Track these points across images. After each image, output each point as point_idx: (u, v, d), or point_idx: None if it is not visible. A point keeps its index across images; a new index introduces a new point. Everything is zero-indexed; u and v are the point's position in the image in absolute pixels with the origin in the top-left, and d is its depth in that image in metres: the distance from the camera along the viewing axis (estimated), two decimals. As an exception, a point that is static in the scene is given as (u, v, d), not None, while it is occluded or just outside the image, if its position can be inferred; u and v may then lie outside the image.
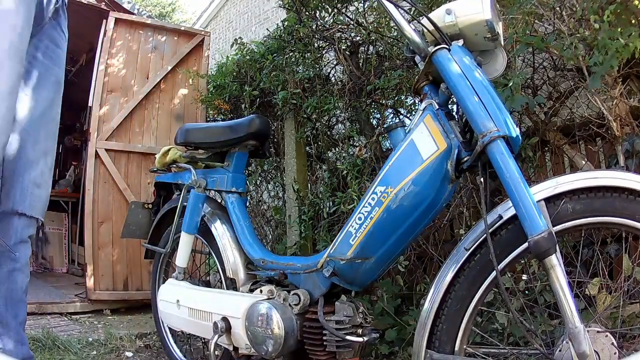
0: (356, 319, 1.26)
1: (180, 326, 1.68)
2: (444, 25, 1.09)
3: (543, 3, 1.70)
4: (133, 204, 2.06)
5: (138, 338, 2.38)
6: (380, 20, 2.38)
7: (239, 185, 1.69)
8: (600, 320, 1.27)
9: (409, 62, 2.07)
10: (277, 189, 3.13)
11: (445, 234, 2.16)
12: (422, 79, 1.16)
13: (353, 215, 1.19)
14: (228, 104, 3.15)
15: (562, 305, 0.88)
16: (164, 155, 1.85)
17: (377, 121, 2.55)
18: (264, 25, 6.26)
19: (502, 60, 1.15)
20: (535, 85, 2.03)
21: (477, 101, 0.99)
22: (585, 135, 1.85)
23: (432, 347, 1.03)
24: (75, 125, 5.79)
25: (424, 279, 2.01)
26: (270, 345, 1.29)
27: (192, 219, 1.67)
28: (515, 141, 1.01)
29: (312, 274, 1.34)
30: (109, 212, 3.12)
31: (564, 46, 1.60)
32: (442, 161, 1.08)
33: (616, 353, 0.86)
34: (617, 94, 1.64)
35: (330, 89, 2.52)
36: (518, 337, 1.57)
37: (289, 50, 2.76)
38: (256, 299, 1.37)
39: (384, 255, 1.20)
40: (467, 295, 1.02)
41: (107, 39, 3.23)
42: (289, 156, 2.68)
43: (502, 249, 0.99)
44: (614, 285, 1.51)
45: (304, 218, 2.49)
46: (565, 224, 0.95)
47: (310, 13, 2.54)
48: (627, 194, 0.90)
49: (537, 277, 1.62)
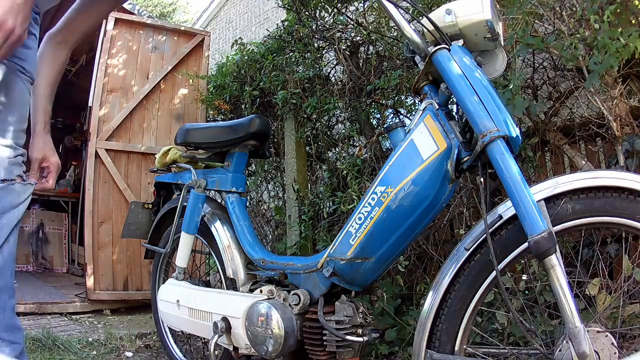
0: (356, 319, 1.26)
1: (180, 326, 1.68)
2: (444, 25, 1.09)
3: (543, 3, 1.70)
4: (133, 204, 2.06)
5: (138, 338, 2.38)
6: (380, 20, 2.38)
7: (239, 185, 1.69)
8: (600, 320, 1.27)
9: (409, 62, 2.07)
10: (277, 189, 3.14)
11: (445, 234, 2.16)
12: (422, 79, 1.16)
13: (353, 215, 1.19)
14: (228, 104, 3.15)
15: (562, 305, 0.88)
16: (164, 155, 1.85)
17: (377, 121, 2.56)
18: (264, 25, 6.26)
19: (502, 60, 1.15)
20: (535, 85, 2.03)
21: (477, 101, 0.99)
22: (585, 135, 1.85)
23: (432, 347, 1.03)
24: (75, 125, 5.80)
25: (424, 279, 2.01)
26: (270, 345, 1.29)
27: (192, 219, 1.67)
28: (515, 141, 1.01)
29: (312, 274, 1.34)
30: (109, 212, 3.12)
31: (564, 46, 1.60)
32: (442, 161, 1.08)
33: (616, 353, 0.86)
34: (617, 94, 1.64)
35: (330, 89, 2.52)
36: (518, 337, 1.57)
37: (289, 50, 2.77)
38: (256, 299, 1.37)
39: (384, 255, 1.20)
40: (467, 295, 1.02)
41: (107, 39, 3.23)
42: (289, 156, 2.68)
43: (502, 249, 0.99)
44: (614, 285, 1.51)
45: (304, 218, 2.49)
46: (565, 223, 0.95)
47: (310, 13, 2.54)
48: (627, 193, 0.90)
49: (537, 277, 1.62)
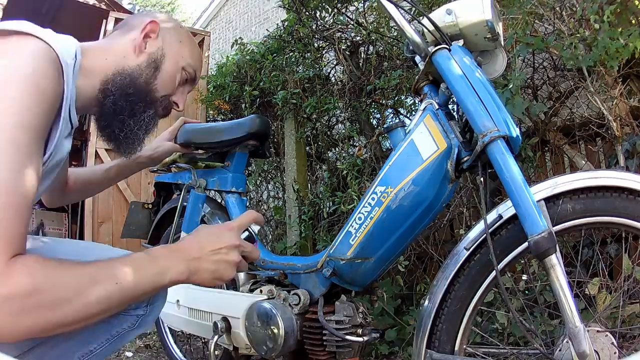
0: (356, 319, 1.26)
1: (180, 326, 1.68)
2: (444, 26, 1.09)
3: (543, 3, 1.70)
4: (133, 204, 2.06)
5: (138, 338, 2.38)
6: (380, 20, 2.38)
7: (239, 185, 1.69)
8: (600, 320, 1.27)
9: (409, 62, 2.07)
10: (277, 189, 3.13)
11: (445, 234, 2.16)
12: (422, 79, 1.16)
13: (353, 215, 1.19)
14: (228, 104, 3.15)
15: (562, 305, 0.88)
16: (164, 155, 1.85)
17: (377, 121, 2.56)
18: (264, 25, 6.26)
19: (502, 60, 1.15)
20: (535, 85, 2.03)
21: (477, 101, 0.99)
22: (585, 135, 1.85)
23: (432, 347, 1.03)
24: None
25: (424, 279, 2.01)
26: (270, 345, 1.29)
27: (192, 219, 1.67)
28: (515, 141, 1.01)
29: (312, 274, 1.34)
30: (109, 212, 3.13)
31: (564, 46, 1.60)
32: (442, 161, 1.08)
33: (616, 353, 0.86)
34: (617, 94, 1.65)
35: (330, 89, 2.52)
36: (518, 337, 1.57)
37: (289, 50, 2.77)
38: (256, 299, 1.37)
39: (384, 255, 1.20)
40: (467, 295, 1.02)
41: (107, 39, 3.23)
42: (289, 156, 2.68)
43: (502, 249, 0.99)
44: (614, 285, 1.51)
45: (304, 218, 2.49)
46: (565, 223, 0.95)
47: (310, 13, 2.54)
48: (627, 193, 0.90)
49: (537, 277, 1.62)
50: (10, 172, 0.64)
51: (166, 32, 1.00)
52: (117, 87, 0.91)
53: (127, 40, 0.96)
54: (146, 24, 0.96)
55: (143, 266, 0.74)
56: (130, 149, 0.98)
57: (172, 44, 1.00)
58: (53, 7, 3.85)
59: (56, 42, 0.76)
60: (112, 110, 0.92)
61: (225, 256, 0.82)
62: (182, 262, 0.78)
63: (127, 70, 0.93)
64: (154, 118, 0.99)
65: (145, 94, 0.95)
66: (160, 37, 0.98)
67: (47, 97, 0.72)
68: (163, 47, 0.98)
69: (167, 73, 0.99)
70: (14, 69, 0.69)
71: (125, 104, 0.92)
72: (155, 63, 0.96)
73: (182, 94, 1.05)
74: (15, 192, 0.64)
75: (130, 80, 0.93)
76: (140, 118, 0.96)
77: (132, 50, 0.95)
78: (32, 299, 0.61)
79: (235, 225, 0.87)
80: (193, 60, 1.04)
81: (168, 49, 0.99)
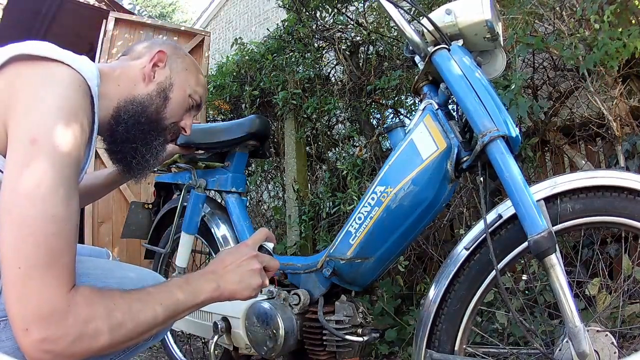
0: (356, 319, 1.26)
1: (180, 326, 1.68)
2: (443, 26, 1.09)
3: (543, 3, 1.71)
4: (133, 204, 2.05)
5: (138, 338, 2.37)
6: (380, 20, 2.38)
7: (239, 185, 1.69)
8: (600, 320, 1.28)
9: (409, 62, 2.07)
10: (277, 189, 3.14)
11: (445, 234, 2.16)
12: (422, 79, 1.16)
13: (353, 215, 1.19)
14: (228, 104, 3.15)
15: (562, 304, 0.88)
16: (164, 155, 1.85)
17: (377, 121, 2.56)
18: (264, 25, 6.26)
19: (501, 60, 1.15)
20: (535, 85, 2.03)
21: (476, 101, 0.99)
22: (585, 135, 1.85)
23: (432, 346, 1.03)
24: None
25: (424, 279, 2.01)
26: (270, 345, 1.29)
27: (192, 219, 1.67)
28: (515, 141, 1.01)
29: (312, 274, 1.34)
30: (109, 212, 3.12)
31: (564, 46, 1.60)
32: (441, 161, 1.08)
33: (616, 352, 0.86)
34: (617, 94, 1.65)
35: (330, 89, 2.52)
36: (518, 337, 1.57)
37: (289, 50, 2.77)
38: (256, 299, 1.37)
39: (384, 255, 1.20)
40: (467, 295, 1.02)
41: (107, 39, 3.23)
42: (289, 156, 2.68)
43: (502, 249, 0.99)
44: (614, 285, 1.51)
45: (304, 218, 2.49)
46: (565, 223, 0.95)
47: (310, 13, 2.55)
48: (627, 193, 0.90)
49: (537, 277, 1.62)
50: (63, 207, 0.69)
51: (173, 61, 1.04)
52: (129, 115, 0.95)
53: (137, 67, 0.99)
54: (155, 53, 1.00)
55: (180, 288, 0.82)
56: (140, 174, 1.03)
57: (179, 73, 1.04)
58: (53, 7, 3.84)
59: (85, 70, 0.79)
60: (124, 137, 0.95)
61: (246, 266, 0.90)
62: (211, 279, 0.87)
63: (138, 98, 0.96)
64: (164, 145, 1.04)
65: (156, 122, 0.99)
66: (167, 66, 1.02)
67: (85, 130, 0.76)
68: (171, 76, 1.02)
69: (176, 101, 1.03)
70: (56, 108, 0.72)
71: (138, 132, 0.96)
72: (164, 92, 1.00)
73: (189, 119, 1.09)
74: (66, 226, 0.69)
75: (142, 109, 0.96)
76: (152, 146, 1.00)
77: (142, 78, 0.98)
78: (92, 327, 0.68)
79: (250, 241, 0.96)
80: (199, 87, 1.09)
81: (176, 78, 1.03)
